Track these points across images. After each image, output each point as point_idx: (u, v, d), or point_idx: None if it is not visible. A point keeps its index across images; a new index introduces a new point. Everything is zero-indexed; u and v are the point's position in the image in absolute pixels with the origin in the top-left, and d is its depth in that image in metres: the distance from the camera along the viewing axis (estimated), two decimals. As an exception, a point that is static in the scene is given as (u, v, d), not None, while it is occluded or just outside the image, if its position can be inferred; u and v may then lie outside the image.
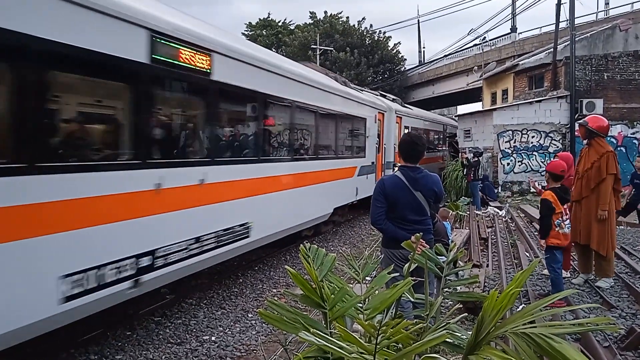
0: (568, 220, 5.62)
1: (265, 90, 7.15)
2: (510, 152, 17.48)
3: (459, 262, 6.50)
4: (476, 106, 31.16)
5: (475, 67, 28.28)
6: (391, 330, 1.64)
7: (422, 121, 20.97)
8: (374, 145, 13.72)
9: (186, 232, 5.37)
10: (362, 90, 15.16)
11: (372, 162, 13.50)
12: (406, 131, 15.73)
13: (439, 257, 2.66)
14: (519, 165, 17.47)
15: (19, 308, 3.57)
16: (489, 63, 25.93)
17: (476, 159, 15.18)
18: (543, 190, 5.81)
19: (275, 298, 6.75)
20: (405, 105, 20.62)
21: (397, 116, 16.31)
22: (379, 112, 14.27)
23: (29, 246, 3.60)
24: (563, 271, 6.41)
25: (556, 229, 5.50)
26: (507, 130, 17.46)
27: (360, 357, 1.59)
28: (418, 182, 4.16)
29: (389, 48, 38.83)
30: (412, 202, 4.15)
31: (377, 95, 16.77)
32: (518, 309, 3.48)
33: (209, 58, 5.61)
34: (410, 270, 2.29)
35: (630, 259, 7.62)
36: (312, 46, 33.70)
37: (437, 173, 5.86)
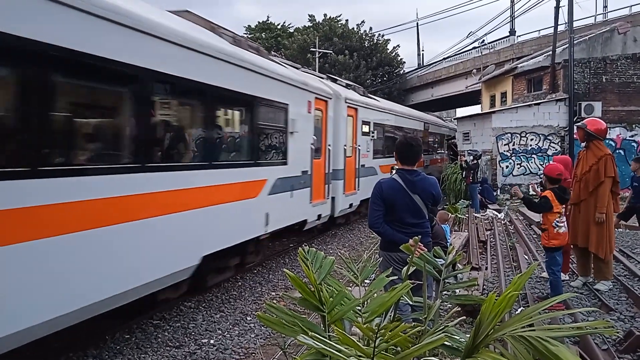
0: (564, 220, 5.68)
1: None
2: (509, 154, 17.50)
3: (458, 264, 6.52)
4: (475, 109, 31.19)
5: (474, 70, 28.31)
6: (389, 333, 1.64)
7: (392, 116, 16.03)
8: (308, 146, 9.20)
9: None
10: (295, 68, 10.47)
11: (304, 172, 9.01)
12: (365, 128, 13.05)
13: (437, 259, 2.66)
14: (518, 168, 17.49)
15: None
16: (488, 66, 25.98)
17: (475, 161, 15.19)
18: (542, 192, 5.83)
19: (274, 301, 6.76)
20: (369, 95, 15.64)
21: (349, 107, 11.66)
22: (316, 99, 9.66)
23: None
24: (562, 274, 6.43)
25: (554, 230, 5.53)
26: (506, 133, 17.48)
27: (358, 360, 1.59)
28: (416, 185, 4.16)
29: (388, 51, 38.89)
30: (410, 205, 4.15)
31: (322, 78, 12.13)
32: (517, 312, 3.48)
33: None
34: (409, 273, 2.29)
35: (629, 262, 7.63)
36: (311, 49, 33.74)
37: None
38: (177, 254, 5.47)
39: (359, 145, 12.39)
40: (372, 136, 13.51)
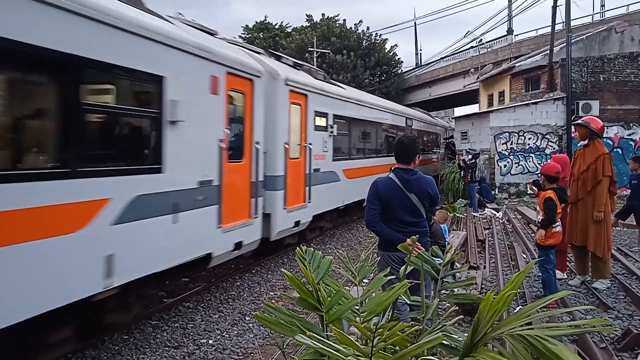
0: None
1: None
2: (507, 154, 17.53)
3: (456, 264, 6.52)
4: (473, 108, 31.24)
5: (472, 69, 28.35)
6: (387, 332, 1.64)
7: (361, 108, 12.76)
8: (214, 143, 6.25)
9: None
10: (209, 34, 6.92)
11: (204, 182, 5.99)
12: (321, 121, 10.07)
13: (435, 259, 2.66)
14: (516, 167, 17.52)
15: None
16: (486, 65, 26.02)
17: (473, 160, 15.21)
18: (540, 192, 5.83)
19: (273, 301, 6.76)
20: (333, 81, 12.39)
21: (293, 91, 8.69)
22: (231, 75, 6.62)
23: None
24: (559, 272, 6.45)
25: (553, 229, 5.55)
26: (504, 132, 17.51)
27: (356, 359, 1.59)
28: (412, 184, 4.18)
29: (386, 50, 38.94)
30: (407, 204, 4.17)
31: (257, 52, 8.79)
32: (515, 311, 3.49)
33: None
34: (407, 272, 2.29)
35: (627, 260, 7.65)
36: (309, 49, 33.75)
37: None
38: None
39: (310, 144, 9.42)
40: (331, 132, 10.54)
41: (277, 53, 10.14)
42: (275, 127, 8.14)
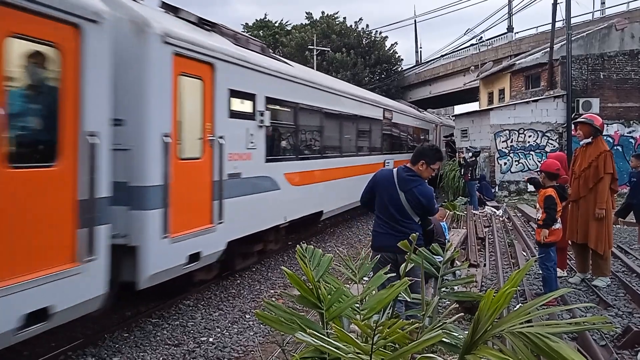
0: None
1: None
2: (507, 151, 17.53)
3: (456, 261, 6.53)
4: (473, 106, 31.22)
5: (472, 67, 28.32)
6: (387, 330, 1.64)
7: (313, 91, 9.64)
8: None
9: None
10: None
11: None
12: (243, 105, 7.06)
13: (435, 257, 2.67)
14: (516, 165, 17.52)
15: None
16: (486, 63, 25.97)
17: (473, 158, 15.19)
18: (541, 189, 5.82)
19: (273, 299, 6.76)
20: (276, 55, 9.68)
21: (181, 56, 5.60)
22: (5, 7, 3.49)
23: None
24: (560, 270, 6.44)
25: (552, 227, 5.54)
26: (504, 130, 17.50)
27: (356, 357, 1.59)
28: (404, 183, 4.26)
29: (386, 48, 38.90)
30: (395, 199, 4.26)
31: None
32: (515, 309, 3.49)
33: None
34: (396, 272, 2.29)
35: (627, 258, 7.66)
36: (309, 47, 33.71)
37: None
38: None
39: (222, 137, 6.40)
40: (261, 121, 7.48)
41: (175, 6, 6.46)
42: (142, 110, 5.19)
